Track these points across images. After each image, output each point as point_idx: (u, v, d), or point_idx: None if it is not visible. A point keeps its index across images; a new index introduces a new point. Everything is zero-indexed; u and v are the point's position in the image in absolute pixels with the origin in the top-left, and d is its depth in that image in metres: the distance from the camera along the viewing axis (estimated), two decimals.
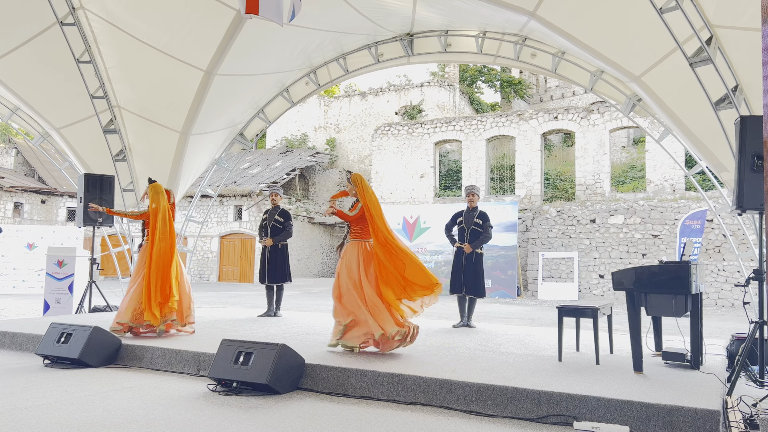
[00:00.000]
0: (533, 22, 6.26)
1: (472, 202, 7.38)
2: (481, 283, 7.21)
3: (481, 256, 7.28)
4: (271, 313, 8.21)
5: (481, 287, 7.21)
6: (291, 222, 8.27)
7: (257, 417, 3.65)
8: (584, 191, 20.72)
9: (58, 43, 7.57)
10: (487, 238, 7.25)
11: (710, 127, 5.70)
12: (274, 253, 8.18)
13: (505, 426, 3.56)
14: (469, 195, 7.42)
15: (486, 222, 7.26)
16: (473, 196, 7.40)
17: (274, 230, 8.17)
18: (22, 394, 4.10)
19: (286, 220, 8.24)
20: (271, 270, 8.16)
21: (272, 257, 8.17)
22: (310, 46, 8.12)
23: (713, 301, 16.25)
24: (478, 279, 7.18)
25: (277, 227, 8.16)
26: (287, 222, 8.23)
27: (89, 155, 9.39)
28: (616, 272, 4.53)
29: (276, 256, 8.18)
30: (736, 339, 5.33)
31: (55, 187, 27.79)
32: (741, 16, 4.90)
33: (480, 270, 7.23)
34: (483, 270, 7.30)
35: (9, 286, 17.49)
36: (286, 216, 8.27)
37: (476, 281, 7.17)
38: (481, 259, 7.26)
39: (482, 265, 7.30)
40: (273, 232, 8.16)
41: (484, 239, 7.24)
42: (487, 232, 7.25)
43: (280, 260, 8.18)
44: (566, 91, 34.87)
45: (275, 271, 8.15)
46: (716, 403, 3.45)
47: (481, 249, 7.29)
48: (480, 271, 7.23)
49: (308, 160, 29.89)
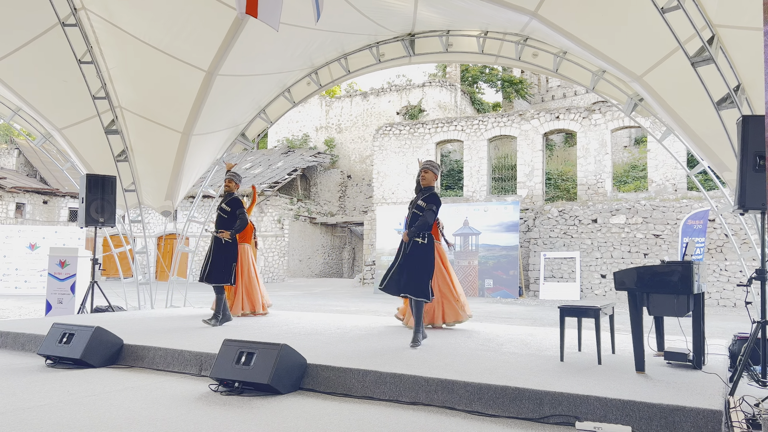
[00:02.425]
0: (535, 21, 6.26)
1: (423, 180, 5.95)
2: (421, 280, 5.61)
3: (424, 247, 5.69)
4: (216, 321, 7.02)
5: (419, 285, 5.60)
6: (242, 209, 7.20)
7: (259, 417, 3.65)
8: (586, 191, 20.70)
9: (59, 43, 7.59)
10: (422, 223, 5.65)
11: (712, 127, 5.70)
12: (217, 248, 7.14)
13: (507, 426, 3.56)
14: (420, 171, 6.01)
15: (429, 203, 5.71)
16: (425, 173, 5.93)
17: (220, 220, 7.18)
18: (24, 395, 4.10)
19: (234, 208, 7.19)
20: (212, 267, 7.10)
21: (214, 252, 7.14)
22: (311, 46, 8.12)
23: (715, 301, 16.23)
24: (415, 275, 5.61)
25: (224, 217, 7.16)
26: (236, 210, 7.17)
27: (91, 156, 9.40)
28: (617, 272, 4.52)
29: (218, 252, 7.13)
30: (738, 339, 5.33)
31: (57, 188, 27.84)
32: (743, 16, 4.89)
33: (418, 264, 5.64)
34: (425, 264, 5.69)
35: (11, 287, 17.52)
36: (235, 204, 7.22)
37: (413, 277, 5.61)
38: (422, 251, 5.68)
39: (424, 257, 5.69)
40: (220, 223, 7.16)
41: (419, 225, 5.65)
42: (424, 215, 5.67)
43: (222, 257, 7.11)
44: (568, 91, 34.85)
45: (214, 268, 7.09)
46: (718, 403, 3.44)
47: (424, 238, 5.70)
48: (418, 265, 5.64)
49: (310, 160, 29.91)
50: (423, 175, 5.93)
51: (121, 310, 9.19)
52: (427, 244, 5.70)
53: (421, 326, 5.66)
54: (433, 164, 5.97)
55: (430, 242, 5.73)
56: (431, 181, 5.92)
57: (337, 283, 23.86)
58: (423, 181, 5.93)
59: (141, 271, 10.09)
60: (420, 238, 5.67)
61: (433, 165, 5.98)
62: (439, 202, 5.79)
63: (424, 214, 5.67)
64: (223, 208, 7.22)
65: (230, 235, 7.07)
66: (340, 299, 16.02)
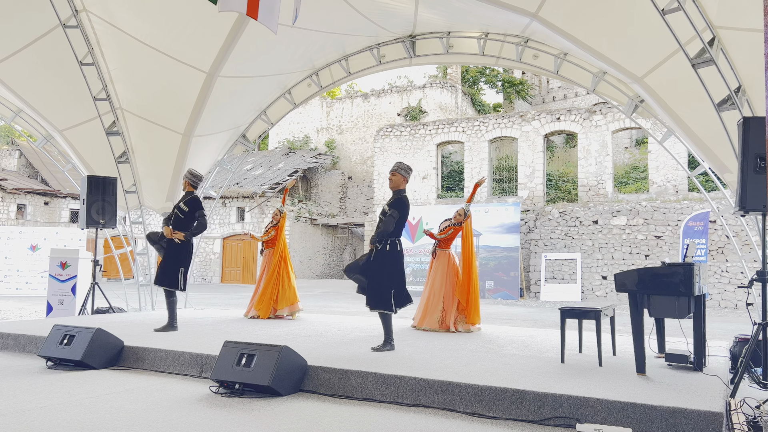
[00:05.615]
0: (535, 23, 6.26)
1: (390, 183, 5.63)
2: (380, 291, 5.34)
3: (387, 254, 5.40)
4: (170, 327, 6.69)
5: (376, 297, 5.35)
6: (202, 211, 6.79)
7: (259, 419, 3.65)
8: (587, 192, 20.69)
9: (61, 45, 7.60)
10: (381, 230, 5.39)
11: (713, 128, 5.69)
12: (169, 248, 6.77)
13: (508, 428, 3.55)
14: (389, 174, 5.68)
15: (392, 209, 5.42)
16: (392, 175, 5.61)
17: (176, 220, 6.77)
18: (25, 396, 4.11)
19: (193, 209, 6.77)
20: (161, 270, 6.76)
21: (165, 255, 6.78)
22: (312, 47, 8.12)
23: (716, 303, 16.21)
24: (376, 286, 5.37)
25: (180, 217, 6.76)
26: (195, 211, 6.77)
27: (92, 157, 9.41)
28: (618, 274, 4.52)
29: (169, 254, 6.76)
30: (739, 341, 5.32)
31: (58, 189, 27.86)
32: (743, 17, 4.89)
33: (379, 274, 5.38)
34: (388, 273, 5.39)
35: (12, 288, 17.53)
36: (195, 204, 6.80)
37: (373, 289, 5.38)
38: (383, 259, 5.40)
39: (387, 266, 5.40)
40: (176, 224, 6.75)
41: (379, 233, 5.39)
42: (384, 222, 5.41)
43: (172, 258, 6.74)
44: (568, 92, 34.86)
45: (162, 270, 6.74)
46: (719, 405, 3.44)
47: (387, 245, 5.40)
48: (379, 276, 5.38)
49: (310, 161, 29.93)
50: (390, 178, 5.64)
51: (121, 312, 9.19)
52: (389, 251, 5.41)
53: (389, 335, 5.43)
54: (401, 166, 5.66)
55: (393, 249, 5.43)
56: (399, 184, 5.58)
57: (337, 284, 23.85)
58: (390, 185, 5.63)
59: (142, 272, 10.09)
60: (381, 245, 5.40)
61: (401, 167, 5.65)
62: (403, 207, 5.47)
63: (384, 220, 5.41)
64: (180, 208, 6.80)
65: (186, 236, 6.71)
66: (341, 300, 16.01)
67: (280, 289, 8.26)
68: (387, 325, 5.44)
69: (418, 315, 7.25)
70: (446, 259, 7.24)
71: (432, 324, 6.98)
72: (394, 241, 5.46)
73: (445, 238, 7.31)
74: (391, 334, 5.46)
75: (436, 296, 7.10)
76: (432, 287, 7.19)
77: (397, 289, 5.41)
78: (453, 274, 7.15)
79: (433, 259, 7.38)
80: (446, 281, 7.11)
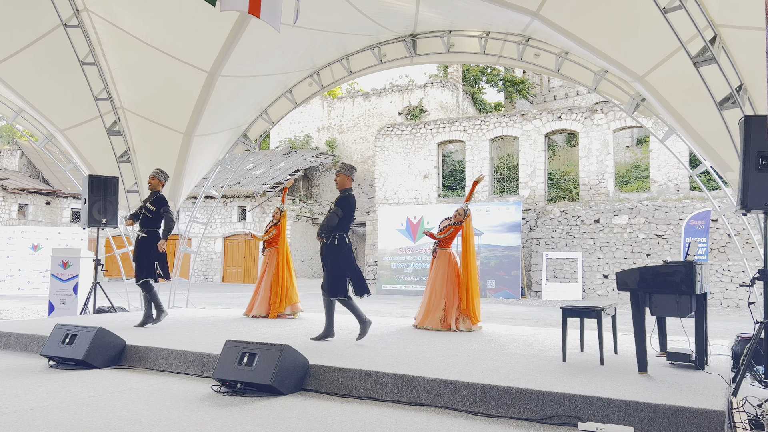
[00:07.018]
0: (536, 22, 6.25)
1: (336, 184, 6.08)
2: (337, 281, 5.87)
3: (334, 247, 5.89)
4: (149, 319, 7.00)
5: (331, 284, 5.90)
6: (167, 207, 7.05)
7: (261, 418, 3.66)
8: (588, 191, 20.68)
9: (62, 45, 7.60)
10: (323, 225, 5.95)
11: (714, 127, 5.68)
12: (141, 244, 7.06)
13: (509, 427, 3.55)
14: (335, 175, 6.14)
15: (336, 206, 5.94)
16: (336, 176, 6.07)
17: (144, 219, 7.06)
18: (27, 395, 4.11)
19: (158, 207, 7.03)
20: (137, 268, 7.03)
21: (138, 249, 7.08)
22: (313, 47, 8.12)
23: (718, 302, 16.20)
24: (328, 274, 5.92)
25: (148, 216, 7.03)
26: (161, 208, 7.02)
27: (93, 157, 9.42)
28: (620, 272, 4.51)
29: (142, 248, 7.04)
30: (741, 339, 5.32)
31: (59, 189, 27.89)
32: (745, 16, 4.88)
33: (330, 264, 5.91)
34: (337, 263, 5.88)
35: (14, 288, 17.56)
36: (160, 202, 7.06)
37: (326, 277, 5.95)
38: (333, 253, 5.90)
39: (336, 258, 5.89)
40: (144, 222, 7.05)
41: (322, 227, 5.97)
42: (326, 217, 5.96)
43: (144, 256, 7.00)
44: (570, 91, 34.82)
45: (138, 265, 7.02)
46: (721, 404, 3.44)
47: (335, 239, 5.90)
48: (330, 266, 5.91)
49: (311, 160, 29.94)
50: (335, 179, 6.09)
51: (123, 311, 9.21)
52: (338, 245, 5.90)
53: (361, 316, 5.85)
54: (344, 166, 6.06)
55: (341, 243, 5.92)
56: (343, 183, 6.03)
57: None
58: (336, 185, 6.07)
59: None
60: (328, 240, 5.92)
61: (344, 167, 6.05)
62: (347, 205, 5.95)
63: (328, 216, 5.94)
64: (147, 208, 7.06)
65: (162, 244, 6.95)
66: None
67: (282, 289, 8.30)
68: (353, 309, 5.88)
69: (419, 314, 7.26)
70: (447, 259, 7.24)
71: (434, 323, 6.99)
72: (342, 236, 5.96)
73: (446, 237, 7.31)
74: (362, 314, 5.88)
75: (437, 295, 7.11)
76: (433, 286, 7.20)
77: (355, 278, 5.93)
78: (454, 273, 7.16)
79: (434, 259, 7.39)
80: (447, 280, 7.12)
